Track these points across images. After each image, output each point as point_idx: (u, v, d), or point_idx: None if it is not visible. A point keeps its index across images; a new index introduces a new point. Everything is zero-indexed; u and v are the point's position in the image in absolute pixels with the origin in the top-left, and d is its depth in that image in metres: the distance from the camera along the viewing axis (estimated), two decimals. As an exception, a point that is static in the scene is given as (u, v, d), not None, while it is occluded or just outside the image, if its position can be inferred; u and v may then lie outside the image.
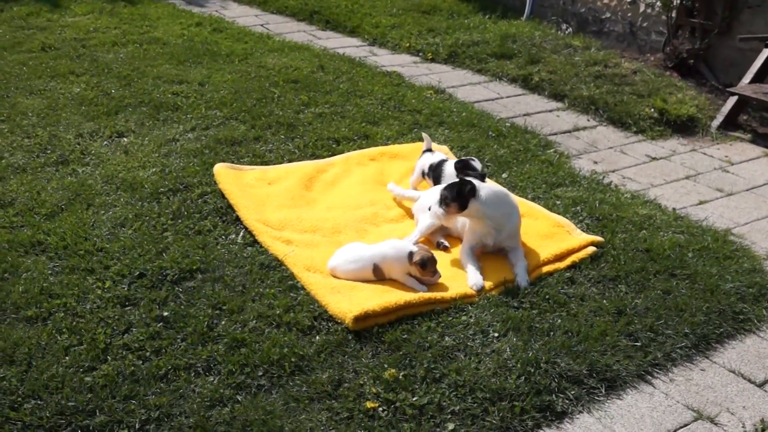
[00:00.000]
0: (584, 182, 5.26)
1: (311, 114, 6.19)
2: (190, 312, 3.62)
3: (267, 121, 5.98)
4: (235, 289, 3.81)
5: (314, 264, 4.02)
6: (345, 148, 5.58)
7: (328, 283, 3.85)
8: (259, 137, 5.71)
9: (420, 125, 6.12)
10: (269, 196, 4.75)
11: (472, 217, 4.11)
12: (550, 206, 4.79)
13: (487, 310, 3.71)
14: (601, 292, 3.92)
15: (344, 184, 5.04)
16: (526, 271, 4.01)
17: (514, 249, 4.15)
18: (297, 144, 5.63)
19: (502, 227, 4.10)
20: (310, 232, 4.41)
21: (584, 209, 4.77)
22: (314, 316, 3.64)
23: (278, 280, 3.91)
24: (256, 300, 3.74)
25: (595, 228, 4.55)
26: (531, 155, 5.65)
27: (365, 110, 6.32)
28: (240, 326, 3.55)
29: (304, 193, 4.85)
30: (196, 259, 4.02)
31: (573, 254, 4.17)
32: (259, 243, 4.24)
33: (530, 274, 4.01)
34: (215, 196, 4.73)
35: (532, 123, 6.47)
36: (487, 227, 4.11)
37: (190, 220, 4.45)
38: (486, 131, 6.06)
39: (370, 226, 4.53)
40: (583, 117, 6.82)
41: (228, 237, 4.32)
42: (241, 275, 3.92)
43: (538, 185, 5.14)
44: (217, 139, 5.61)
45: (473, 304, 3.79)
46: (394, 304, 3.61)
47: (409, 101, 6.59)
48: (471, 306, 3.76)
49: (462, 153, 5.63)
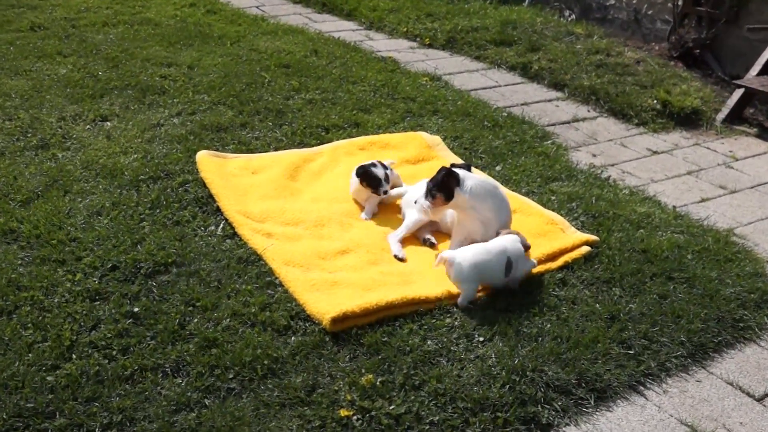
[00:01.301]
0: (581, 177, 5.10)
1: (301, 100, 6.05)
2: (162, 308, 3.47)
3: (255, 106, 5.85)
4: (210, 285, 3.67)
5: (294, 258, 3.88)
6: (334, 137, 5.45)
7: (307, 279, 3.70)
8: (245, 123, 5.57)
9: (413, 114, 5.98)
10: (252, 186, 4.61)
11: (458, 208, 3.99)
12: (544, 202, 4.64)
13: (473, 313, 3.56)
14: (594, 295, 3.77)
15: (331, 174, 4.90)
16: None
17: None
18: (285, 131, 5.49)
19: (491, 222, 3.97)
20: (292, 224, 4.27)
21: (580, 206, 4.61)
22: (291, 315, 3.49)
23: (256, 275, 3.76)
24: (232, 297, 3.59)
25: (591, 226, 4.40)
26: (527, 147, 5.50)
27: (357, 97, 6.18)
28: (213, 324, 3.40)
29: (289, 184, 4.72)
30: (172, 251, 3.88)
31: (566, 254, 4.03)
32: (239, 236, 4.10)
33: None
34: (196, 185, 4.59)
35: (530, 113, 6.32)
36: (475, 221, 3.98)
37: (168, 209, 4.31)
38: (481, 121, 5.91)
39: (354, 221, 4.39)
40: (584, 107, 6.67)
41: (207, 228, 4.18)
42: (218, 270, 3.78)
43: (532, 179, 4.98)
44: (202, 124, 5.48)
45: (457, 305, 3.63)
46: (375, 305, 3.46)
47: (403, 88, 6.45)
48: (456, 308, 3.61)
49: (456, 143, 5.48)
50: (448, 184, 3.87)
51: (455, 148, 5.37)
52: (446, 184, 3.87)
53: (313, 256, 3.94)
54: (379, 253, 4.04)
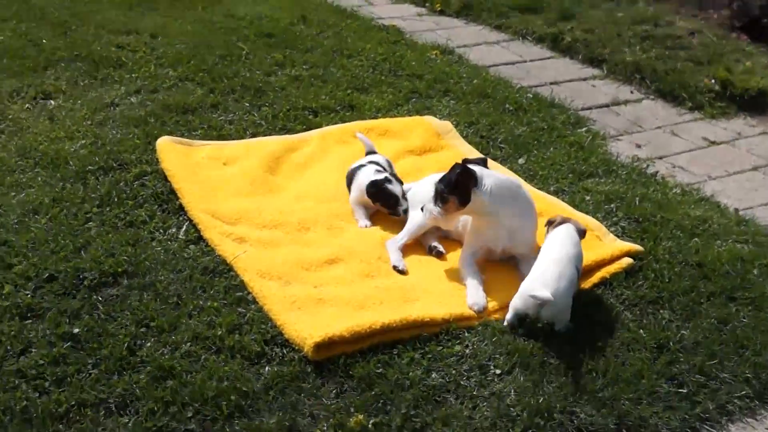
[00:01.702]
0: (622, 172, 5.04)
1: (285, 77, 6.01)
2: (109, 329, 3.40)
3: (230, 84, 5.81)
4: (168, 301, 3.60)
5: (271, 269, 3.81)
6: (324, 121, 5.39)
7: (286, 294, 3.63)
8: (217, 104, 5.53)
9: (420, 94, 5.93)
10: (223, 180, 4.56)
11: (475, 214, 3.92)
12: (576, 203, 4.57)
13: (488, 339, 3.48)
14: (637, 318, 3.68)
15: (319, 167, 4.84)
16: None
17: (527, 258, 3.92)
18: (264, 114, 5.44)
19: (515, 230, 3.91)
20: (270, 227, 4.21)
21: (620, 208, 4.54)
22: (265, 339, 3.42)
23: (224, 289, 3.70)
24: (194, 315, 3.53)
25: (634, 233, 4.33)
26: (557, 135, 5.44)
27: (353, 74, 6.13)
28: (170, 350, 3.33)
29: (268, 178, 4.67)
30: (123, 259, 3.81)
31: (603, 267, 3.96)
32: (205, 240, 4.04)
33: None
34: (156, 178, 4.54)
35: (561, 94, 6.25)
36: (495, 229, 3.91)
37: (121, 207, 4.25)
38: (502, 103, 5.86)
39: (345, 224, 4.32)
40: (626, 88, 6.60)
41: (167, 231, 4.13)
42: (178, 282, 3.72)
43: (563, 175, 4.92)
44: (165, 105, 5.44)
45: (471, 329, 3.56)
46: (368, 328, 3.39)
47: (409, 63, 6.39)
48: (468, 332, 3.53)
49: (470, 131, 5.41)
50: (463, 184, 3.78)
51: (469, 137, 5.31)
52: (461, 185, 3.78)
53: (294, 266, 3.88)
54: (374, 263, 3.97)
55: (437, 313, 3.56)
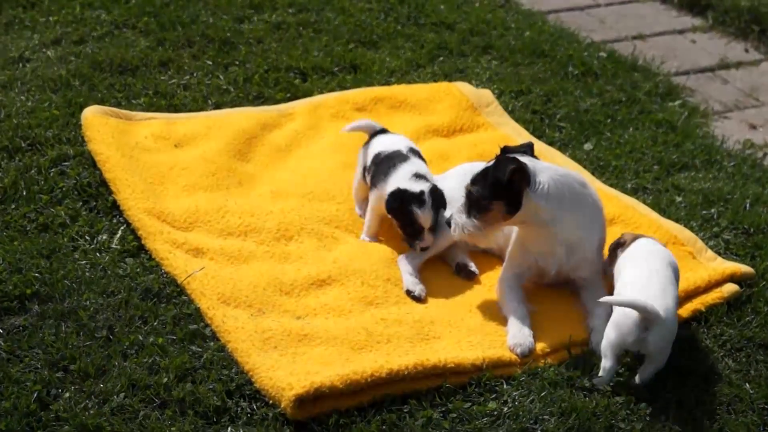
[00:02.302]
0: (729, 163, 5.08)
1: (263, 23, 6.05)
2: (12, 373, 3.46)
3: (186, 33, 5.85)
4: (95, 335, 3.67)
5: (238, 293, 3.88)
6: (315, 87, 5.44)
7: (257, 328, 3.69)
8: (168, 61, 5.58)
9: (450, 51, 5.96)
10: (174, 168, 4.62)
11: (524, 224, 3.95)
12: (663, 206, 4.63)
13: (534, 393, 3.53)
14: (742, 368, 3.73)
15: (306, 152, 4.91)
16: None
17: (591, 284, 4.01)
18: (233, 75, 5.49)
19: (574, 243, 3.96)
20: (237, 235, 4.27)
21: (724, 213, 4.59)
22: (228, 389, 3.47)
23: (173, 320, 3.76)
24: (131, 356, 3.59)
25: (742, 249, 4.39)
26: (639, 111, 5.48)
27: (357, 21, 6.17)
28: (96, 403, 3.38)
29: (236, 166, 4.73)
30: (33, 276, 3.89)
31: (698, 296, 4.02)
32: (148, 251, 4.10)
33: None
34: (81, 164, 4.61)
35: (648, 52, 6.30)
36: (548, 241, 3.95)
37: (32, 205, 4.33)
38: (564, 65, 5.90)
39: (341, 232, 4.38)
40: (738, 45, 6.65)
41: (95, 238, 4.20)
42: (109, 309, 3.79)
43: (646, 166, 4.97)
44: (95, 61, 5.50)
45: (512, 379, 3.63)
46: (370, 376, 3.44)
47: (435, 7, 6.44)
48: (507, 383, 3.60)
49: (518, 103, 5.45)
50: (514, 184, 3.82)
51: (517, 111, 5.35)
52: (511, 185, 3.82)
53: (269, 289, 3.94)
54: (381, 286, 4.03)
55: (465, 356, 3.61)
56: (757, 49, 6.62)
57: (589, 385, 3.59)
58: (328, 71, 5.62)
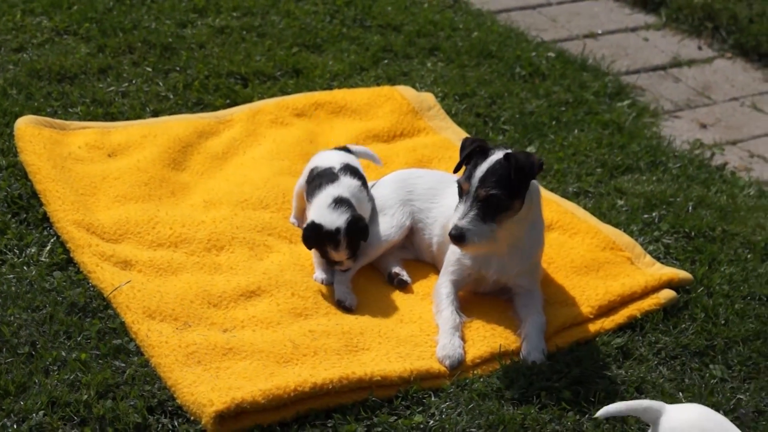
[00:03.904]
0: (675, 165, 5.10)
1: (206, 28, 6.06)
2: None
3: (127, 39, 5.86)
4: (17, 351, 3.65)
5: (164, 306, 3.87)
6: (256, 93, 5.45)
7: (181, 342, 3.68)
8: (108, 68, 5.58)
9: (395, 53, 5.97)
10: (106, 179, 4.62)
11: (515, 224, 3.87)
12: (603, 210, 4.64)
13: (462, 405, 3.52)
14: (676, 376, 3.74)
15: (243, 159, 4.91)
16: (543, 333, 3.87)
17: (527, 291, 4.01)
18: (173, 82, 5.50)
19: (525, 248, 3.97)
20: (167, 246, 4.26)
21: (666, 217, 4.60)
22: (150, 405, 3.47)
23: (97, 335, 3.75)
24: (52, 372, 3.58)
25: (682, 254, 4.41)
26: (585, 112, 5.51)
27: (302, 24, 6.19)
28: (15, 421, 3.38)
29: (169, 175, 4.72)
30: None
31: (634, 302, 4.04)
32: (77, 264, 4.10)
33: (550, 338, 3.88)
34: (12, 176, 4.61)
35: (599, 51, 6.34)
36: (505, 245, 3.90)
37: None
38: (511, 66, 5.92)
39: (274, 240, 4.37)
40: (691, 43, 6.68)
41: (24, 252, 4.19)
42: (34, 325, 3.77)
43: (588, 169, 4.98)
44: (33, 69, 5.50)
45: (440, 391, 3.62)
46: (293, 390, 3.43)
47: (382, 9, 6.44)
48: (435, 395, 3.59)
49: (461, 106, 5.46)
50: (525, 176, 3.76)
51: (460, 115, 5.37)
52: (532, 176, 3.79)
53: (197, 301, 3.93)
54: (311, 297, 4.03)
55: (393, 369, 3.61)
56: (711, 46, 6.67)
57: (519, 395, 3.57)
58: (270, 76, 5.64)
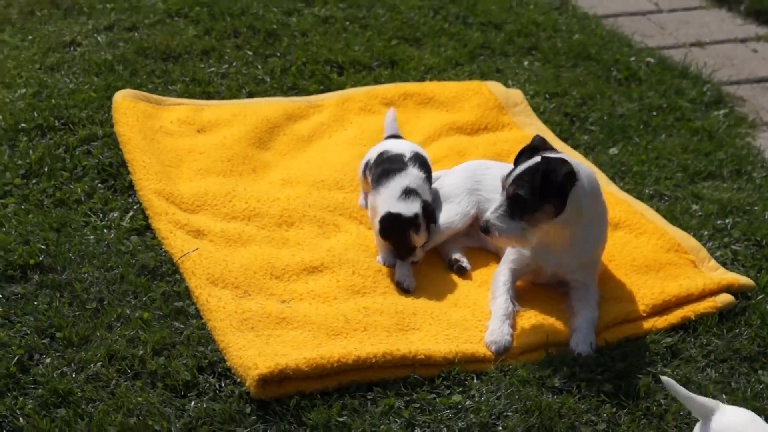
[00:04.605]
0: (759, 174, 4.98)
1: (312, 17, 6.12)
2: (0, 336, 3.60)
3: (234, 24, 5.96)
4: (86, 306, 3.80)
5: (227, 274, 3.97)
6: (350, 81, 5.49)
7: (238, 309, 3.77)
8: (211, 50, 5.69)
9: (493, 50, 5.97)
10: (192, 152, 4.74)
11: (560, 226, 3.86)
12: (676, 213, 4.58)
13: (502, 390, 3.53)
14: (723, 379, 3.67)
15: (328, 143, 4.97)
16: (593, 327, 3.83)
17: (583, 285, 3.98)
18: (271, 66, 5.58)
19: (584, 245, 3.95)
20: (241, 219, 4.36)
21: (738, 224, 4.52)
22: (201, 365, 3.57)
23: (162, 296, 3.88)
24: (115, 328, 3.71)
25: (750, 261, 4.32)
26: (676, 118, 5.42)
27: (405, 17, 6.20)
28: (74, 370, 3.51)
29: (253, 153, 4.82)
30: (39, 247, 4.04)
31: (690, 304, 3.97)
32: (153, 230, 4.22)
33: (599, 333, 3.84)
34: (106, 145, 4.76)
35: (702, 60, 6.21)
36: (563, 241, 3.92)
37: (52, 180, 4.50)
38: (608, 69, 5.87)
39: (345, 220, 4.42)
40: None
41: (107, 216, 4.33)
42: (104, 283, 3.92)
43: (668, 173, 4.91)
44: (142, 47, 5.67)
45: (482, 374, 3.63)
46: (336, 361, 3.48)
47: (487, 6, 6.44)
48: (477, 377, 3.60)
49: (550, 105, 5.45)
50: (564, 185, 3.73)
51: (548, 113, 5.36)
52: (561, 186, 3.73)
53: (260, 272, 4.02)
54: (371, 276, 4.08)
55: (438, 349, 3.63)
56: (823, 62, 6.46)
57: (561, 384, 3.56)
58: (365, 66, 5.68)
